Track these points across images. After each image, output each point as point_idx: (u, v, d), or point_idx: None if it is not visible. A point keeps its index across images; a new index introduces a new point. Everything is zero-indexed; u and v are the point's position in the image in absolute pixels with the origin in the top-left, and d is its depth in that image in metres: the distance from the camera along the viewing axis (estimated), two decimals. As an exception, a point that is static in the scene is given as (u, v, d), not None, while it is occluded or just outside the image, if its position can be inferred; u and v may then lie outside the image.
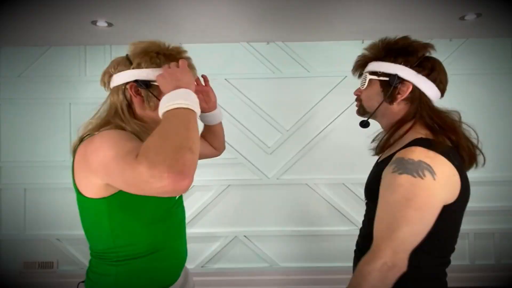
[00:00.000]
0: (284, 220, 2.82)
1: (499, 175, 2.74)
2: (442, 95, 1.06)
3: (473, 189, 0.92)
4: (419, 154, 0.87)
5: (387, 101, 1.03)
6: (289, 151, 2.82)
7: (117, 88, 0.98)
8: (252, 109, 2.80)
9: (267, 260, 2.82)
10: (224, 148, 1.46)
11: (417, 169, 0.85)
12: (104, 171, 0.81)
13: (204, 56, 2.78)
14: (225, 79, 2.79)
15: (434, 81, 1.01)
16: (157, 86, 0.94)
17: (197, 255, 2.82)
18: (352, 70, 1.17)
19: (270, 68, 2.82)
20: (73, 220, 2.81)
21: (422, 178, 0.84)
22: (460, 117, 1.00)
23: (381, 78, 1.03)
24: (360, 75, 1.15)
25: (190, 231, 2.78)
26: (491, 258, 2.79)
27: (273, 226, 2.83)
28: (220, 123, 1.37)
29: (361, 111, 1.12)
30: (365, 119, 1.11)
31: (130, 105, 0.98)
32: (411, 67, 1.00)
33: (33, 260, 2.84)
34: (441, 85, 1.04)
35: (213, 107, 1.29)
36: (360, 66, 1.14)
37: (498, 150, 2.76)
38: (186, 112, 0.79)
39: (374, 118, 1.11)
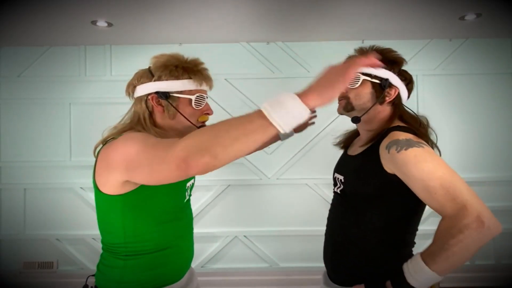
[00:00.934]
0: (284, 220, 2.82)
1: (499, 175, 2.74)
2: None
3: (473, 189, 0.94)
4: (405, 135, 1.02)
5: (379, 102, 1.14)
6: (289, 151, 2.82)
7: (140, 98, 1.07)
8: (252, 109, 2.79)
9: (267, 260, 2.82)
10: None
11: (415, 143, 0.98)
12: (126, 164, 0.86)
13: (204, 56, 2.77)
14: (225, 79, 2.79)
15: (409, 90, 1.19)
16: (176, 97, 1.05)
17: (197, 255, 2.82)
18: None
19: (270, 68, 2.82)
20: (73, 220, 2.81)
21: (423, 147, 0.97)
22: (427, 121, 1.14)
23: (374, 80, 1.13)
24: None
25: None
26: (491, 258, 2.79)
27: (273, 226, 2.83)
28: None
29: (349, 108, 1.20)
30: (357, 116, 1.20)
31: (151, 114, 1.07)
32: (396, 75, 1.14)
33: (33, 260, 2.84)
34: (410, 94, 1.20)
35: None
36: None
37: (498, 150, 2.76)
38: (264, 125, 0.72)
39: (358, 115, 1.20)
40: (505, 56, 2.78)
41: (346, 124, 1.34)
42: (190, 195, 1.21)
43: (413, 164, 0.94)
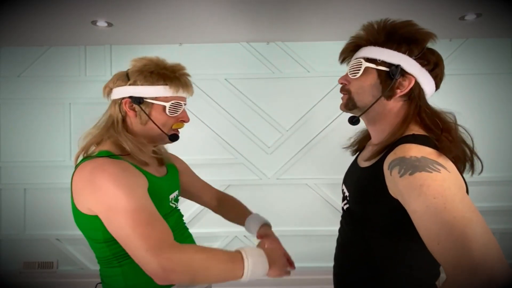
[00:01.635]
0: (284, 220, 2.82)
1: (499, 175, 2.74)
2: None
3: (473, 189, 0.89)
4: (418, 150, 0.76)
5: (385, 96, 0.87)
6: (289, 151, 2.82)
7: (114, 101, 1.06)
8: (252, 109, 2.80)
9: (267, 260, 2.82)
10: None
11: (427, 164, 0.72)
12: (106, 216, 0.87)
13: (204, 56, 2.78)
14: (225, 79, 2.79)
15: (435, 77, 0.88)
16: (150, 103, 1.02)
17: (197, 255, 2.82)
18: (340, 54, 1.00)
19: (270, 68, 2.82)
20: (73, 220, 2.81)
21: (439, 171, 0.71)
22: (455, 119, 0.87)
23: (380, 67, 0.87)
24: (343, 61, 1.01)
25: (190, 231, 2.78)
26: (491, 258, 2.79)
27: (273, 226, 2.82)
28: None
29: (350, 105, 0.94)
30: (355, 115, 0.97)
31: (124, 119, 1.05)
32: (415, 58, 0.85)
33: (33, 260, 2.83)
34: (439, 83, 0.91)
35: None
36: (350, 50, 0.97)
37: (498, 150, 2.76)
38: (238, 275, 0.88)
39: (362, 114, 0.95)
40: (505, 56, 2.78)
41: (346, 125, 1.24)
42: (176, 206, 1.20)
43: (416, 197, 0.69)
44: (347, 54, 0.98)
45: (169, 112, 1.04)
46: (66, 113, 2.82)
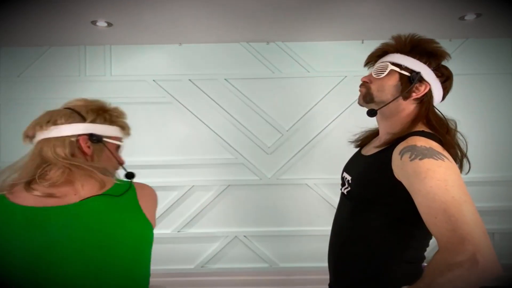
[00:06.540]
0: (284, 220, 2.82)
1: (499, 175, 2.74)
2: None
3: (473, 189, 0.94)
4: (426, 142, 0.90)
5: (403, 96, 1.02)
6: (289, 151, 2.82)
7: None
8: (252, 109, 2.80)
9: (267, 260, 2.82)
10: None
11: (434, 154, 0.86)
12: None
13: (204, 56, 2.78)
14: (225, 79, 2.79)
15: (444, 89, 1.06)
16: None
17: (197, 255, 2.82)
18: (367, 58, 1.15)
19: (270, 68, 2.82)
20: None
21: (443, 160, 0.85)
22: (456, 126, 1.03)
23: (403, 72, 1.02)
24: (367, 64, 1.17)
25: (190, 231, 2.79)
26: (491, 258, 2.79)
27: (273, 226, 2.83)
28: None
29: (368, 98, 1.08)
30: (373, 108, 1.08)
31: None
32: (432, 69, 1.03)
33: (33, 260, 2.83)
34: (446, 94, 1.09)
35: None
36: (378, 55, 1.12)
37: (498, 150, 2.76)
38: None
39: (380, 108, 1.08)
40: (505, 56, 2.78)
41: (346, 124, 1.30)
42: None
43: (422, 178, 0.81)
44: (372, 58, 1.15)
45: None
46: (66, 113, 2.82)
